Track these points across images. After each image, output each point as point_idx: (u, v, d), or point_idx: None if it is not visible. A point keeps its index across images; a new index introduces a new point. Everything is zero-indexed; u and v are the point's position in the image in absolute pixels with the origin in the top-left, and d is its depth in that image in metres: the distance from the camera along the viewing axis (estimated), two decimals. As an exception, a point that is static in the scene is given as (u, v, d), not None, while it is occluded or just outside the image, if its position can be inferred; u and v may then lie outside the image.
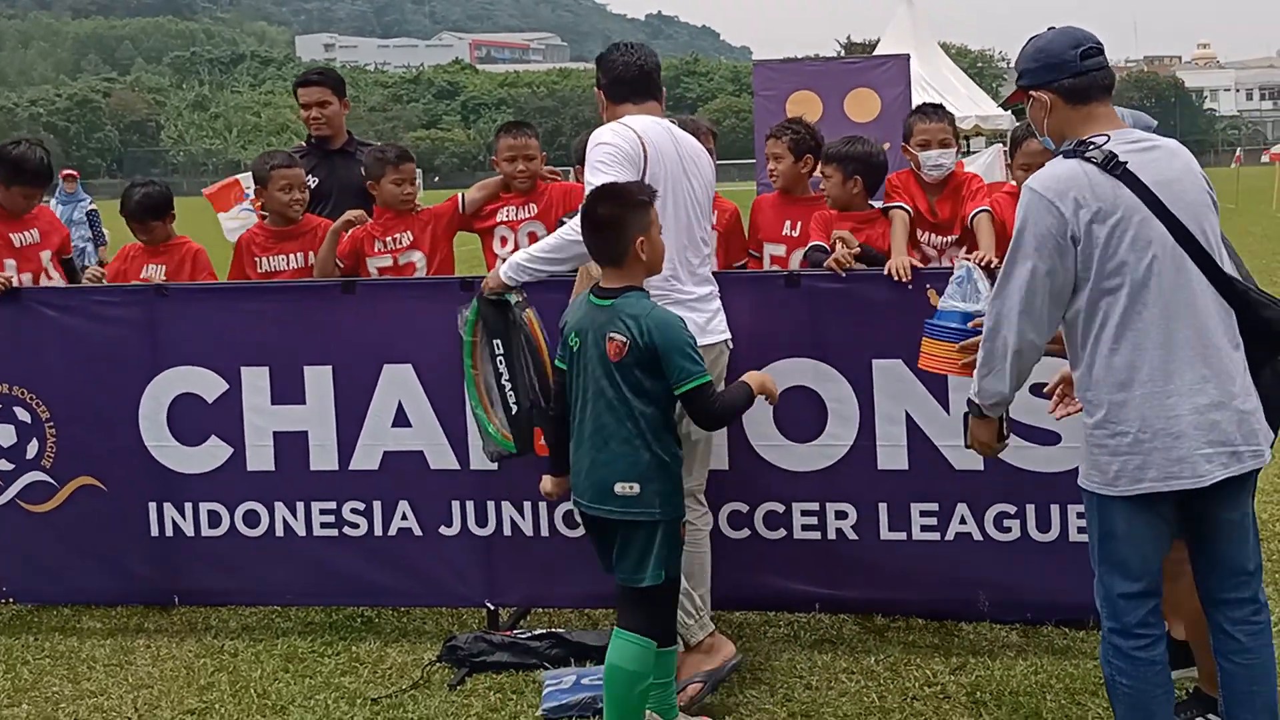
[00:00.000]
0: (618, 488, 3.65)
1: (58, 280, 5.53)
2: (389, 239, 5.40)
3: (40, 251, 5.51)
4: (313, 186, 5.74)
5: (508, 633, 4.69)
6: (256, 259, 5.43)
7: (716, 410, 3.73)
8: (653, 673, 3.72)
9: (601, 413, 3.68)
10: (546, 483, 4.05)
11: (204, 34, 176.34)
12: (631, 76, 4.25)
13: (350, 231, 5.36)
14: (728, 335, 4.23)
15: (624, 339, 3.62)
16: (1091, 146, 3.13)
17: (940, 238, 5.14)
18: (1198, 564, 3.28)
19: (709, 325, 4.13)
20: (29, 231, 5.48)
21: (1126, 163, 3.10)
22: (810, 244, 5.03)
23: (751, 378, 3.80)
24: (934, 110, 5.30)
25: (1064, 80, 3.24)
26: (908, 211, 5.04)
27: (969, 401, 3.40)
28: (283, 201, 5.39)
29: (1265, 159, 36.56)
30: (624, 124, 4.10)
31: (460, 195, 5.58)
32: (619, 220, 3.69)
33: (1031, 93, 3.30)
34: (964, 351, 3.80)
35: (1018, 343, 3.17)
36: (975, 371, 3.32)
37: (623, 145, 4.01)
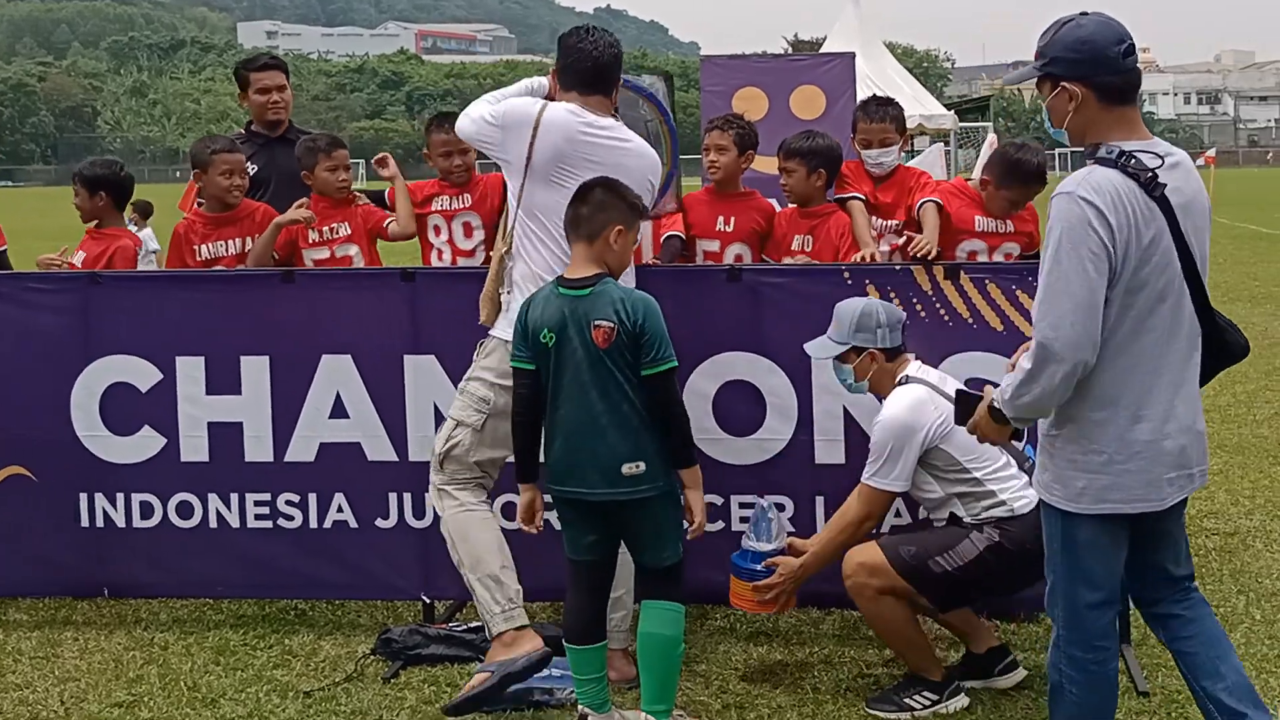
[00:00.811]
0: (625, 469, 3.71)
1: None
2: (325, 229, 5.35)
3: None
4: (252, 173, 5.68)
5: (443, 626, 4.68)
6: (196, 247, 5.36)
7: (676, 402, 3.79)
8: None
9: (593, 402, 3.71)
10: (525, 497, 3.95)
11: (143, 19, 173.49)
12: (584, 68, 4.23)
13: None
14: None
15: (611, 324, 3.68)
16: (1132, 159, 2.98)
17: (881, 221, 5.26)
18: (1136, 573, 3.28)
19: None
20: None
21: (1165, 185, 2.98)
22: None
23: (699, 485, 3.84)
24: (878, 108, 5.40)
25: (1104, 77, 3.03)
26: (863, 200, 5.17)
27: (991, 406, 3.21)
28: (223, 187, 5.32)
29: (1200, 162, 37.19)
30: (544, 100, 4.18)
31: (388, 223, 5.45)
32: (606, 203, 3.80)
33: (1064, 83, 3.06)
34: (758, 591, 4.08)
35: (1065, 356, 2.94)
36: (1014, 387, 3.06)
37: (519, 104, 4.18)
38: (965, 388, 3.71)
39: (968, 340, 4.46)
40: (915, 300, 4.48)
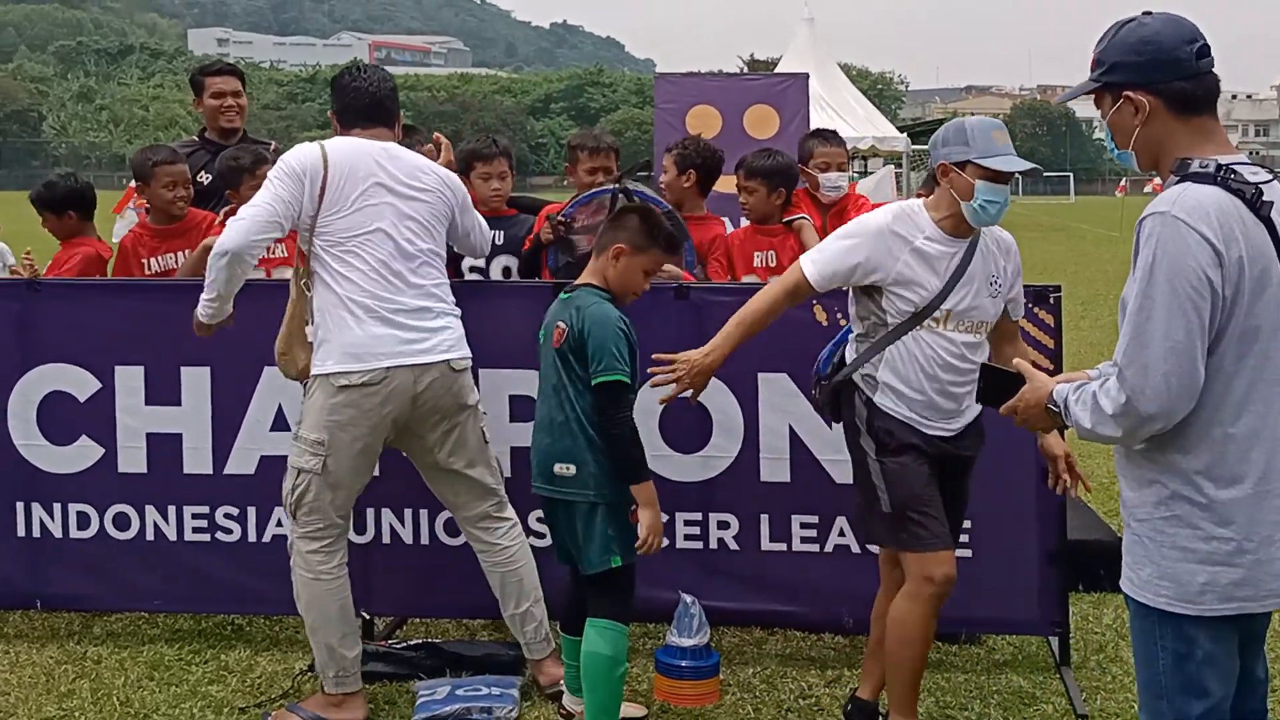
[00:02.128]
0: (556, 468, 3.83)
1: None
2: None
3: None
4: (204, 184, 5.62)
5: (382, 642, 4.63)
6: (144, 260, 5.29)
7: (622, 420, 3.80)
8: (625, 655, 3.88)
9: (549, 398, 3.90)
10: None
11: (92, 23, 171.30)
12: (363, 104, 4.23)
13: None
14: (450, 356, 4.12)
15: (565, 326, 3.82)
16: (1233, 174, 2.47)
17: None
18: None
19: (414, 345, 4.03)
20: None
21: (1272, 203, 2.48)
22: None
23: (648, 504, 3.81)
24: (832, 135, 5.65)
25: (1174, 83, 2.54)
26: (809, 220, 5.26)
27: (1052, 408, 2.67)
28: (166, 199, 5.26)
29: (1148, 189, 37.87)
30: (317, 144, 4.15)
31: None
32: (624, 224, 3.94)
33: (1127, 93, 2.59)
34: (693, 686, 4.17)
35: (1154, 413, 2.42)
36: (1090, 416, 2.53)
37: (290, 161, 4.05)
38: (992, 362, 3.18)
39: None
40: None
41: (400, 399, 4.01)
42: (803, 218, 5.24)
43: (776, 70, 23.95)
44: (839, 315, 4.49)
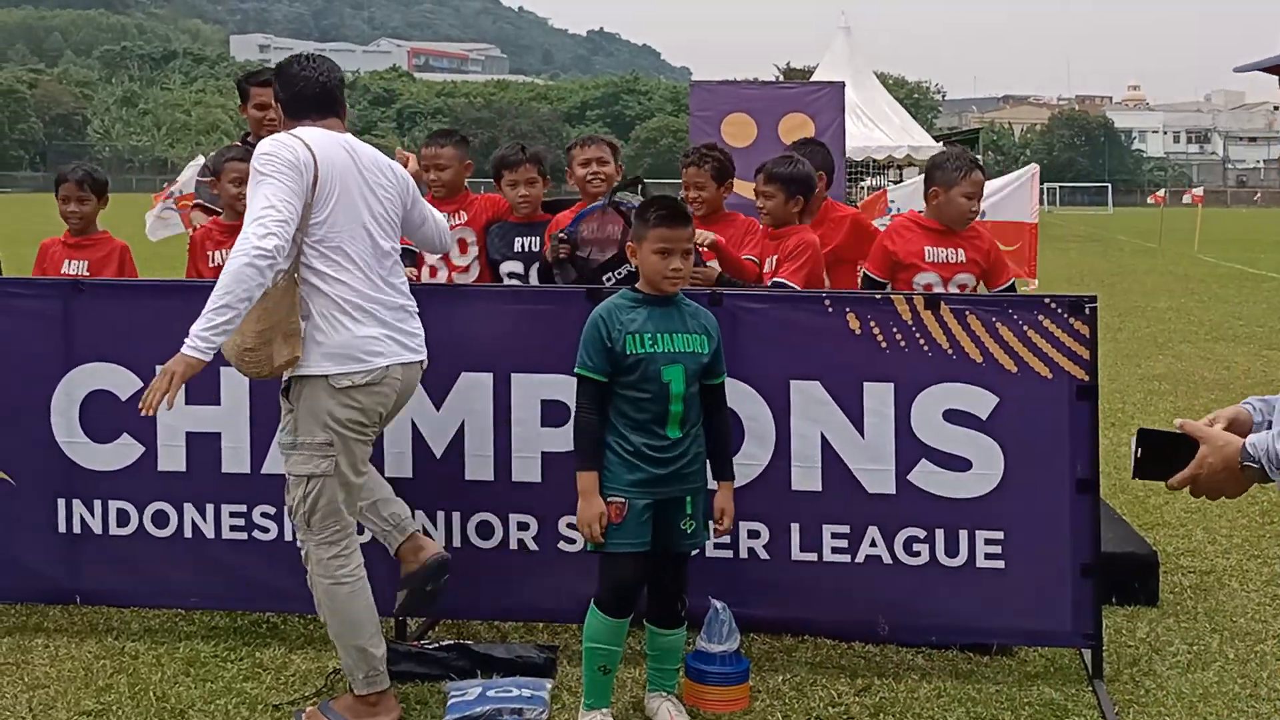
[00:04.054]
0: None
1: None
2: None
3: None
4: None
5: (415, 643, 4.66)
6: (209, 253, 5.43)
7: (578, 409, 4.03)
8: (604, 640, 3.99)
9: None
10: None
11: (136, 29, 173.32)
12: (313, 93, 4.14)
13: None
14: (424, 356, 4.19)
15: None
16: None
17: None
18: None
19: (404, 343, 4.07)
20: None
21: None
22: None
23: (581, 494, 3.96)
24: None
25: None
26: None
27: (1250, 465, 2.31)
28: (232, 194, 5.36)
29: (1187, 199, 37.55)
30: (290, 134, 4.02)
31: None
32: (637, 217, 4.10)
33: None
34: (723, 692, 4.17)
35: None
36: None
37: (283, 153, 3.87)
38: (1153, 427, 2.53)
39: (947, 371, 4.49)
40: (895, 330, 4.51)
41: (393, 397, 4.07)
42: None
43: (812, 79, 23.94)
44: (871, 323, 4.50)
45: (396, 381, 4.04)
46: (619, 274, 4.93)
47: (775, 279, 5.10)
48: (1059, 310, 4.45)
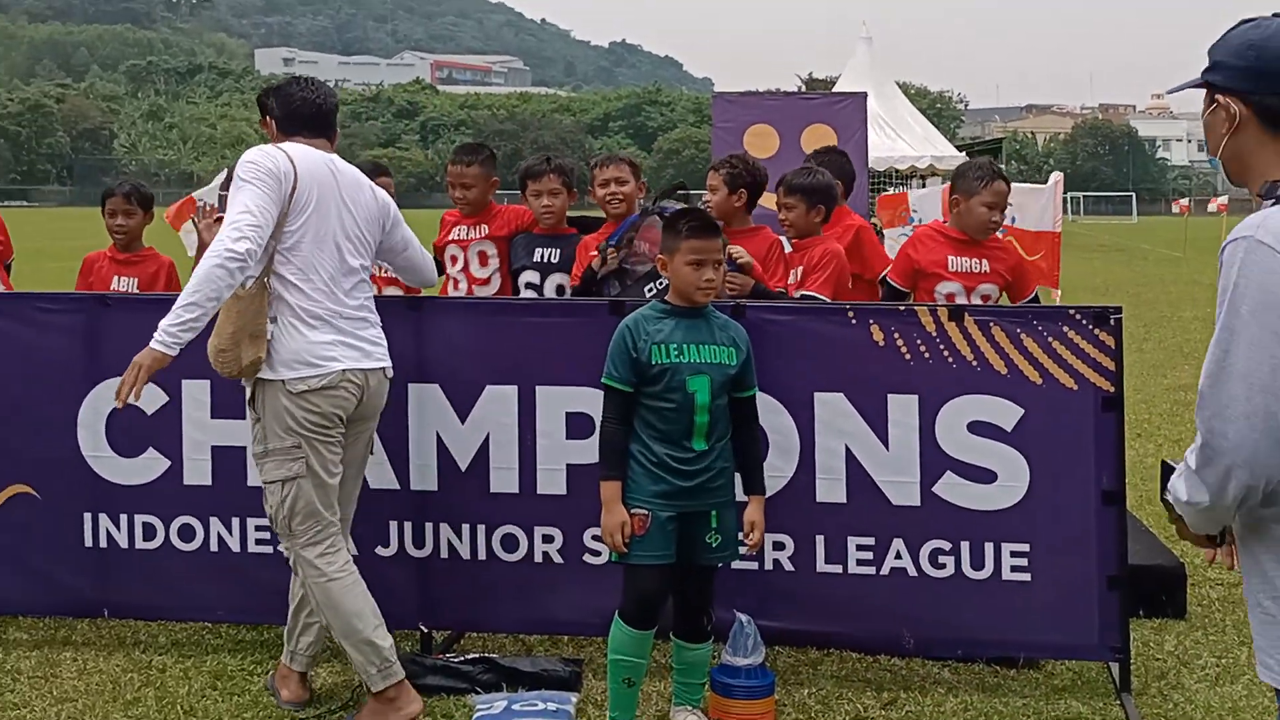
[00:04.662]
0: None
1: (-1, 286, 5.50)
2: None
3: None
4: None
5: (440, 656, 4.67)
6: None
7: (604, 420, 4.03)
8: (628, 652, 3.99)
9: None
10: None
11: (162, 44, 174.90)
12: (308, 114, 4.29)
13: None
14: (385, 364, 4.29)
15: None
16: None
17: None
18: None
19: (360, 351, 4.17)
20: None
21: None
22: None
23: (613, 501, 3.96)
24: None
25: (1270, 96, 2.29)
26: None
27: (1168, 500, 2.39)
28: None
29: (1212, 208, 37.34)
30: (275, 146, 4.17)
31: None
32: (667, 228, 4.10)
33: (1218, 95, 2.36)
34: (748, 705, 4.14)
35: (1236, 461, 2.14)
36: (1183, 486, 2.27)
37: (265, 162, 4.03)
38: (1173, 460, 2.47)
39: (971, 383, 4.47)
40: (919, 341, 4.50)
41: (352, 401, 4.16)
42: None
43: (835, 89, 23.95)
44: (895, 335, 4.50)
45: (354, 385, 4.14)
46: (660, 285, 4.91)
47: (803, 291, 5.10)
48: (1084, 321, 4.43)
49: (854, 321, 4.55)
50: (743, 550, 4.18)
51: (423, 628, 4.84)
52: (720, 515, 4.03)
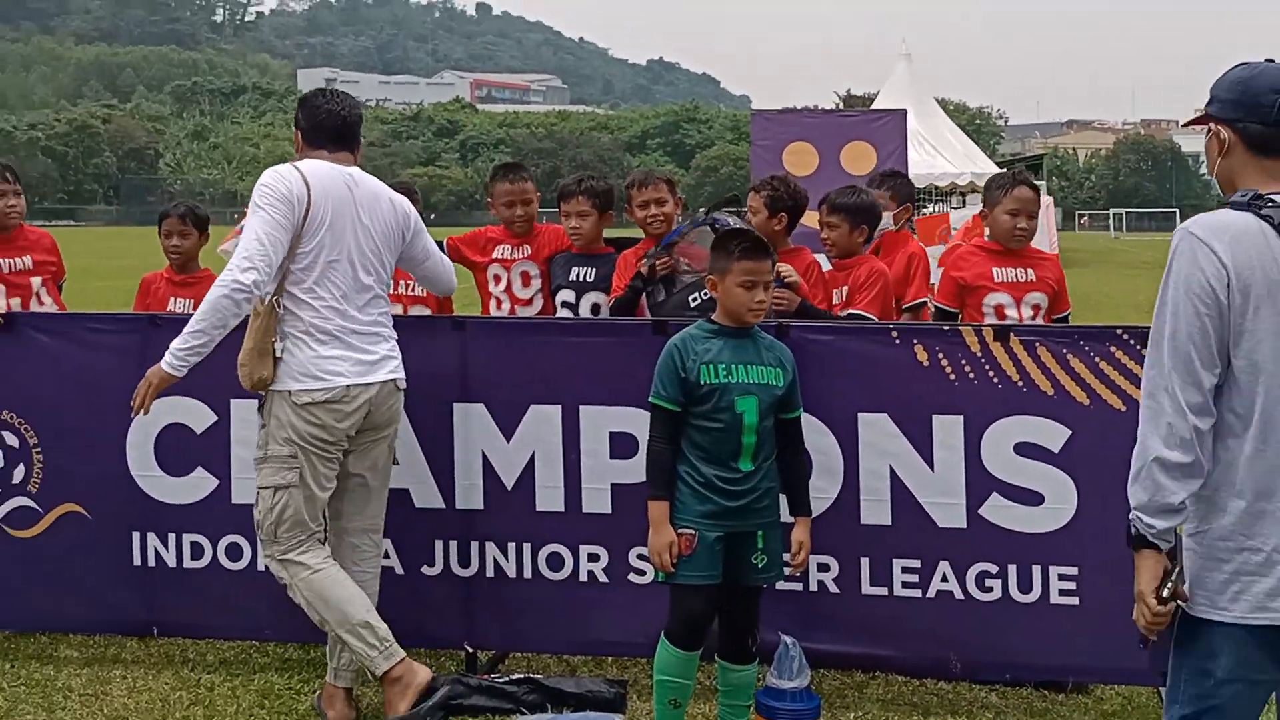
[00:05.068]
0: None
1: (50, 306, 5.59)
2: (401, 283, 5.55)
3: (31, 278, 5.59)
4: None
5: (485, 676, 4.68)
6: None
7: (651, 439, 4.03)
8: (674, 673, 4.00)
9: None
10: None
11: (206, 64, 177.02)
12: (333, 125, 4.40)
13: None
14: (395, 376, 4.37)
15: None
16: (1270, 204, 2.67)
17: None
18: None
19: (368, 365, 4.27)
20: (21, 259, 5.57)
21: None
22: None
23: (661, 521, 3.97)
24: (888, 175, 6.21)
25: (1251, 125, 2.76)
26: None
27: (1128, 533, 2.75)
28: None
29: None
30: (291, 166, 4.26)
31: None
32: (717, 248, 4.08)
33: (1212, 123, 2.84)
34: None
35: (1176, 417, 2.60)
36: (1131, 480, 2.73)
37: (278, 186, 4.15)
38: None
39: (1017, 404, 4.44)
40: (964, 362, 4.47)
41: (358, 415, 4.24)
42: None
43: (873, 106, 23.89)
44: (939, 355, 4.47)
45: (359, 401, 4.22)
46: (705, 294, 4.89)
47: (851, 310, 5.09)
48: (1131, 341, 4.39)
49: (898, 341, 4.53)
50: (787, 571, 4.16)
51: (468, 647, 4.86)
52: (766, 536, 4.02)
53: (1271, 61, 2.80)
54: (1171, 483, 2.64)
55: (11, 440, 5.02)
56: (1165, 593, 2.68)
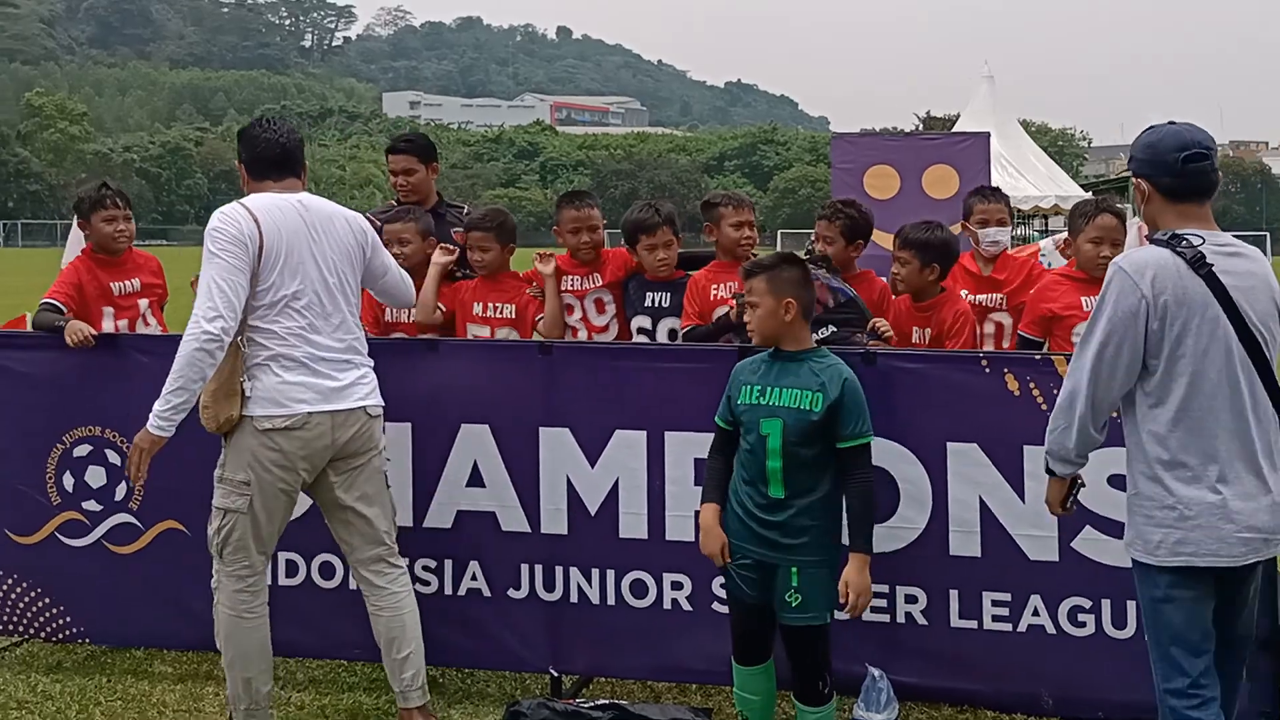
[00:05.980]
0: None
1: (155, 327, 5.74)
2: (489, 306, 5.61)
3: (139, 300, 5.74)
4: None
5: (570, 701, 4.69)
6: (377, 315, 5.72)
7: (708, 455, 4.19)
8: (736, 685, 4.15)
9: None
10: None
11: (295, 88, 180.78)
12: (273, 155, 4.42)
13: (455, 283, 5.70)
14: (366, 403, 4.39)
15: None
16: (1184, 242, 3.34)
17: (989, 296, 5.71)
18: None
19: (334, 392, 4.29)
20: (129, 281, 5.73)
21: (1213, 265, 3.32)
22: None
23: (711, 522, 4.09)
24: (992, 191, 6.01)
25: (1162, 179, 3.43)
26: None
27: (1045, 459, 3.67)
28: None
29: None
30: (238, 204, 4.27)
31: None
32: (775, 275, 4.05)
33: (1133, 178, 3.51)
34: None
35: (1085, 406, 3.43)
36: (1048, 429, 3.58)
37: (228, 229, 4.17)
38: None
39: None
40: (1056, 391, 4.38)
41: (320, 443, 4.26)
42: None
43: (955, 128, 23.65)
44: (1030, 384, 4.42)
45: (320, 429, 4.25)
46: (820, 334, 4.81)
47: None
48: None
49: (988, 370, 4.49)
50: (840, 615, 4.09)
51: (552, 671, 4.88)
52: (802, 574, 3.93)
53: (1173, 124, 3.46)
54: (1073, 445, 3.52)
55: (114, 459, 5.16)
56: (1070, 505, 3.71)
